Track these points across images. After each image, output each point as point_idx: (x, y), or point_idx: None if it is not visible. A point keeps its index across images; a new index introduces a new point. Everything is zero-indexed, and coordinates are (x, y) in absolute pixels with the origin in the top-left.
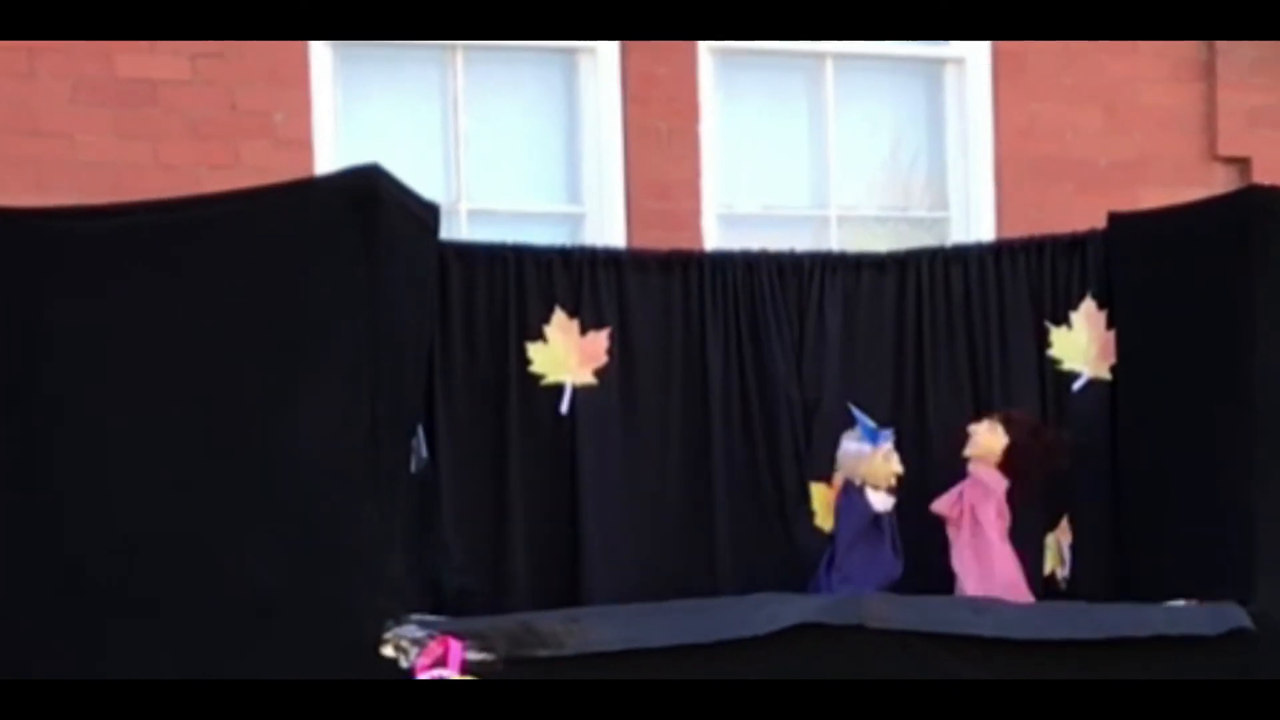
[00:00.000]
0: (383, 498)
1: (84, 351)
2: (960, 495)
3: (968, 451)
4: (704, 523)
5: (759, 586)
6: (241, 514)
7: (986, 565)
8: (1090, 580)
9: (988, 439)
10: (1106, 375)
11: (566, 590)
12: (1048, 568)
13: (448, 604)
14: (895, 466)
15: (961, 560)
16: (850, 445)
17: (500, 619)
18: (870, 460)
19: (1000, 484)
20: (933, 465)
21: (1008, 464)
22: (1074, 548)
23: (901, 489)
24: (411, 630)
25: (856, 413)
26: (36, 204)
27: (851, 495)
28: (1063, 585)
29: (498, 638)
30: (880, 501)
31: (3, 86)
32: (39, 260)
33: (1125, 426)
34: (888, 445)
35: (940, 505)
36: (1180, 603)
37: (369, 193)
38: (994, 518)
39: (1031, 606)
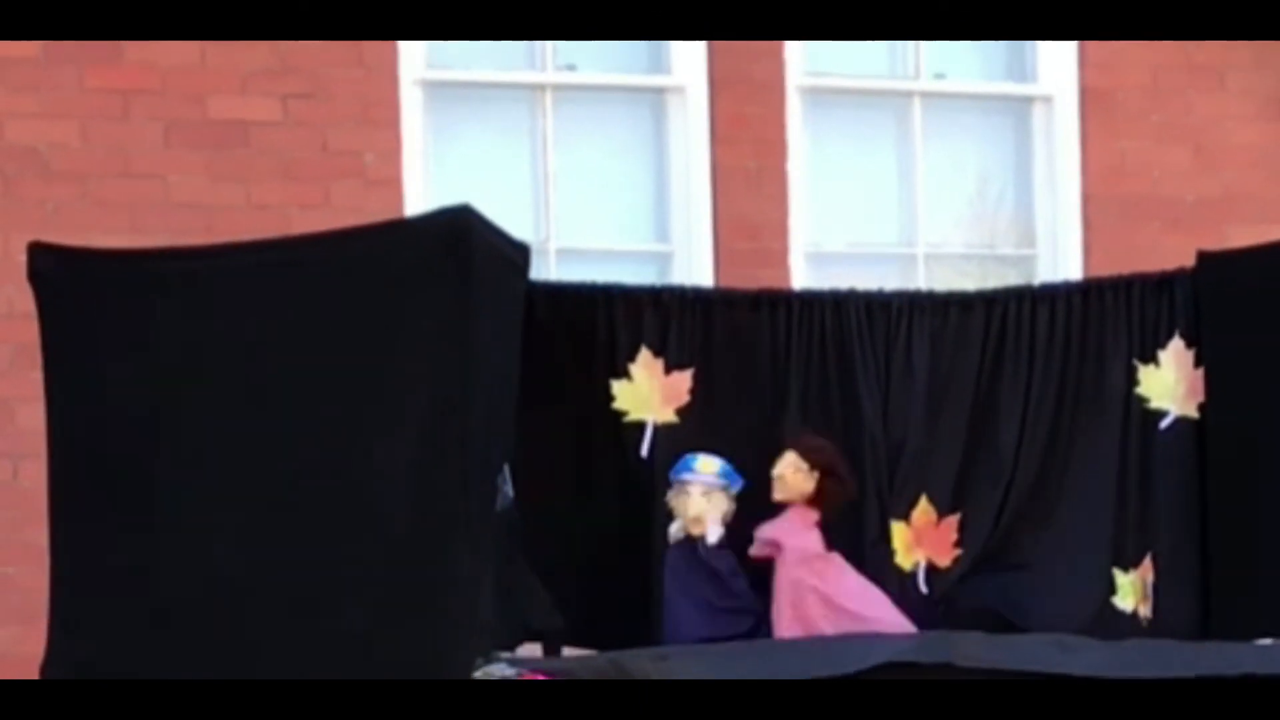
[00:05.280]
0: (473, 537)
1: (175, 390)
2: (772, 536)
3: (777, 495)
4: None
5: None
6: (332, 555)
7: (822, 577)
8: (1174, 619)
9: (795, 480)
10: (1194, 414)
11: (640, 630)
12: (1129, 605)
13: (534, 642)
14: (690, 509)
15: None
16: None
17: (588, 656)
18: (677, 496)
19: (810, 519)
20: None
21: (817, 500)
22: (1157, 586)
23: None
24: (501, 669)
25: (688, 457)
26: (131, 245)
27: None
28: (1145, 624)
29: (586, 675)
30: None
31: (98, 130)
32: (133, 301)
33: (1212, 465)
34: (698, 482)
35: (754, 550)
36: (1268, 641)
37: (461, 233)
38: (817, 541)
39: (1121, 645)
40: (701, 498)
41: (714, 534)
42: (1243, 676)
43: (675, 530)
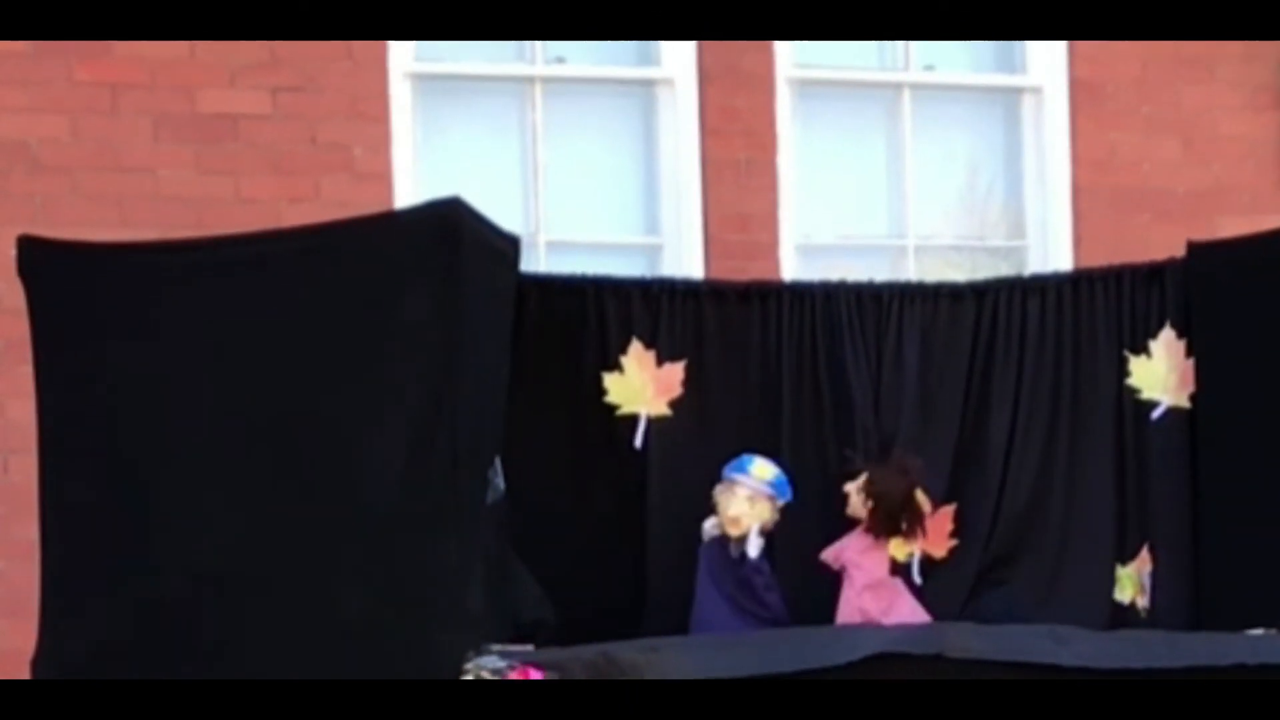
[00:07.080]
0: (463, 530)
1: (165, 384)
2: (844, 558)
3: (848, 511)
4: (774, 554)
5: (830, 618)
6: (323, 547)
7: (885, 605)
8: (1171, 610)
9: (855, 502)
10: (1186, 404)
11: (631, 622)
12: (1126, 597)
13: (524, 635)
14: (731, 508)
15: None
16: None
17: (579, 649)
18: (723, 493)
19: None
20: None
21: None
22: (1154, 576)
23: (776, 537)
24: (492, 661)
25: (745, 458)
26: (120, 239)
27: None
28: (1143, 615)
29: (577, 667)
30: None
31: (86, 123)
32: (121, 294)
33: (1204, 455)
34: (747, 485)
35: (826, 555)
36: (1260, 631)
37: (451, 225)
38: (880, 564)
39: (1112, 636)
40: (745, 501)
41: (755, 547)
42: (1234, 666)
43: (710, 527)
